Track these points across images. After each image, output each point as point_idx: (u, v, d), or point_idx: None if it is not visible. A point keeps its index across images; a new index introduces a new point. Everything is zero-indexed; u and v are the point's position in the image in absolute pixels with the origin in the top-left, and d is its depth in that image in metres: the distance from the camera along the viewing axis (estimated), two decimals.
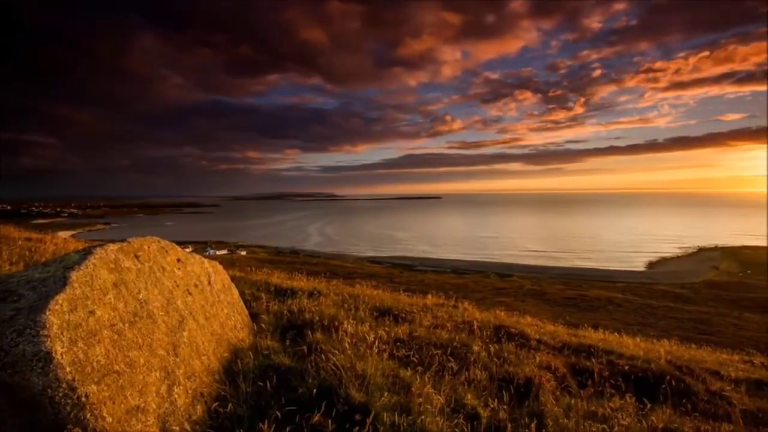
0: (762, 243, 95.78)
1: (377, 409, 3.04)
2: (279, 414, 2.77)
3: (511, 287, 53.73)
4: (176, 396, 2.67)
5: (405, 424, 2.86)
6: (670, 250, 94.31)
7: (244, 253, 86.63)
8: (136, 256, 3.20)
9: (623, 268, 75.22)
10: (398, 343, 4.76)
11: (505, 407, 3.47)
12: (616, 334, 8.56)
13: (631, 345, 7.07)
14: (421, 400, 3.19)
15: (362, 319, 5.49)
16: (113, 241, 3.25)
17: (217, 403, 2.92)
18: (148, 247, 3.46)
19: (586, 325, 9.06)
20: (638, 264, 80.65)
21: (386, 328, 5.11)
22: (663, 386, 4.98)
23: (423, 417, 2.93)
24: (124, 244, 3.24)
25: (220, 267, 4.89)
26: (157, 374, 2.60)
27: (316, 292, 7.48)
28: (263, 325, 4.77)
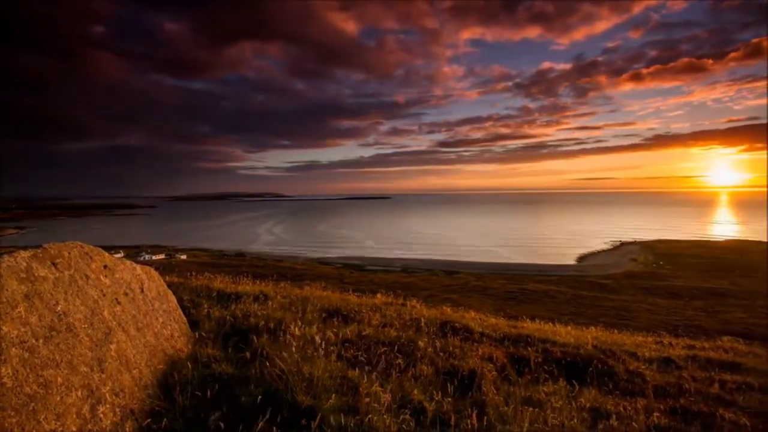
0: (674, 237, 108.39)
1: (324, 411, 3.02)
2: (222, 424, 2.66)
3: (457, 284, 55.78)
4: (101, 415, 2.46)
5: (352, 424, 2.87)
6: (598, 244, 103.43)
7: (184, 257, 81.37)
8: (54, 264, 2.89)
9: (558, 263, 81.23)
10: (347, 344, 4.76)
11: (450, 399, 3.61)
12: (550, 323, 9.23)
13: (564, 333, 7.67)
14: (368, 399, 3.21)
15: (310, 321, 5.42)
16: (26, 248, 2.91)
17: (149, 420, 2.73)
18: (69, 254, 3.15)
19: (524, 317, 9.67)
20: (570, 258, 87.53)
21: (335, 329, 5.08)
22: (590, 369, 5.47)
23: (370, 416, 2.96)
24: (39, 250, 2.91)
25: (154, 273, 4.57)
26: (79, 393, 2.37)
27: (262, 295, 7.25)
28: (204, 333, 4.53)
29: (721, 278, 57.05)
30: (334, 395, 3.16)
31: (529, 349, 5.95)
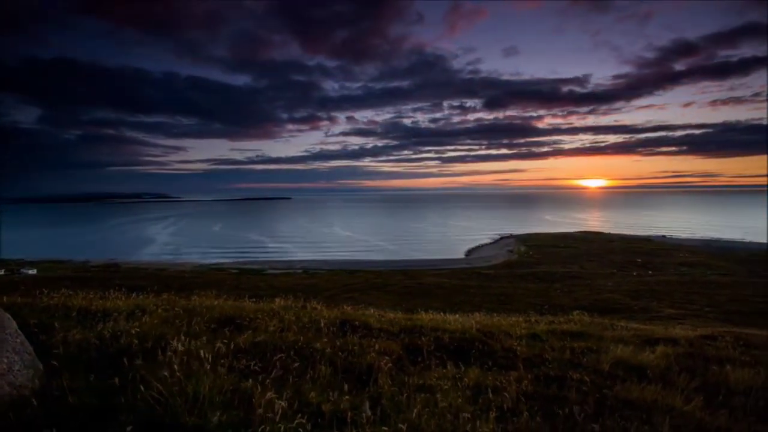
0: (542, 230, 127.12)
1: (213, 430, 2.80)
2: None
3: (358, 282, 56.73)
4: None
5: None
6: (483, 239, 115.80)
7: (33, 271, 66.53)
8: None
9: (449, 257, 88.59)
10: (239, 354, 4.49)
11: (348, 397, 3.66)
12: (442, 313, 10.03)
13: (453, 321, 8.40)
14: (261, 410, 3.08)
15: (197, 334, 4.96)
16: None
17: None
18: None
19: (419, 309, 10.33)
20: (460, 252, 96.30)
21: (226, 340, 4.73)
22: (473, 351, 6.10)
23: (263, 426, 2.84)
24: None
25: None
26: None
27: (138, 310, 6.39)
28: (57, 362, 3.80)
29: (573, 264, 68.86)
30: (221, 411, 2.95)
31: (423, 338, 6.37)
